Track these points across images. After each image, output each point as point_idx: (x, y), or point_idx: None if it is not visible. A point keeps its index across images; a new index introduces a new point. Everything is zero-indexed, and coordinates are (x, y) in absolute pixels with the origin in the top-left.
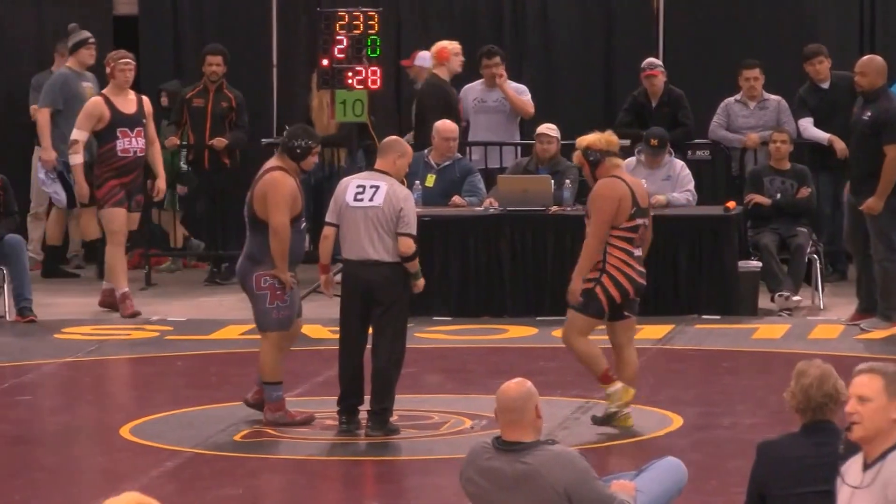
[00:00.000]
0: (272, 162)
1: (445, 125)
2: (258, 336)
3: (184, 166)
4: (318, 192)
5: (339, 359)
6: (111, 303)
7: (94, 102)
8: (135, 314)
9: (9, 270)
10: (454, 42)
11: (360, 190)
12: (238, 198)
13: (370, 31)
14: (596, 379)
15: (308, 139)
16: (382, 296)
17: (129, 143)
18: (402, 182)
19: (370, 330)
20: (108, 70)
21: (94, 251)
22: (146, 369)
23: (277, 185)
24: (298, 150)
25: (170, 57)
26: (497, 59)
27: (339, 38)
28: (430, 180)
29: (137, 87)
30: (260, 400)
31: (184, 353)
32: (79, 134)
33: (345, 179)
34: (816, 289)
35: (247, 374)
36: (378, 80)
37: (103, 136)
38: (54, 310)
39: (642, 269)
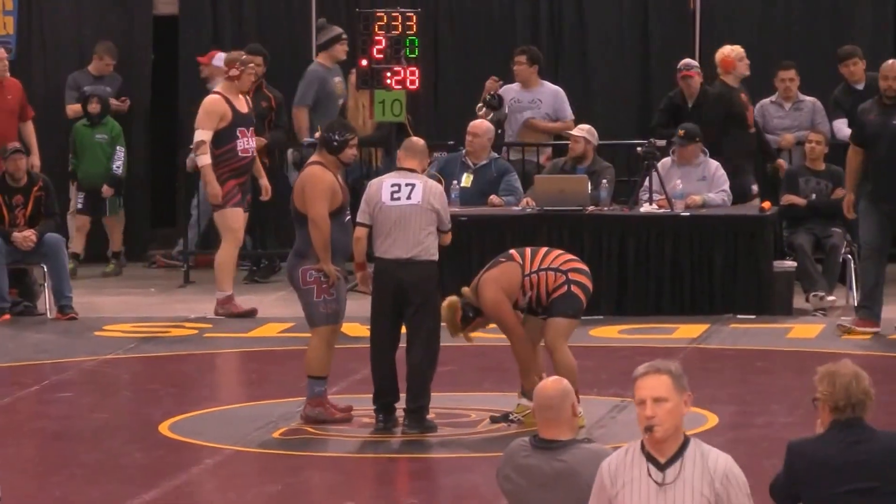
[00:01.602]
0: (312, 157)
1: (476, 123)
2: (297, 334)
3: (117, 170)
4: (355, 191)
5: (370, 358)
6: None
7: (217, 101)
8: (251, 312)
9: (48, 269)
10: (735, 47)
11: (396, 189)
12: (277, 196)
13: (408, 32)
14: (524, 385)
15: (344, 132)
16: (415, 294)
17: (247, 143)
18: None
19: (402, 329)
20: (232, 71)
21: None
22: (185, 366)
23: (315, 178)
24: (335, 143)
25: None
26: (523, 58)
27: (377, 38)
28: (468, 180)
29: (176, 88)
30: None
31: (223, 350)
32: (205, 134)
33: (375, 180)
34: (850, 289)
35: (286, 371)
36: (416, 81)
37: (224, 136)
38: (95, 307)
39: None
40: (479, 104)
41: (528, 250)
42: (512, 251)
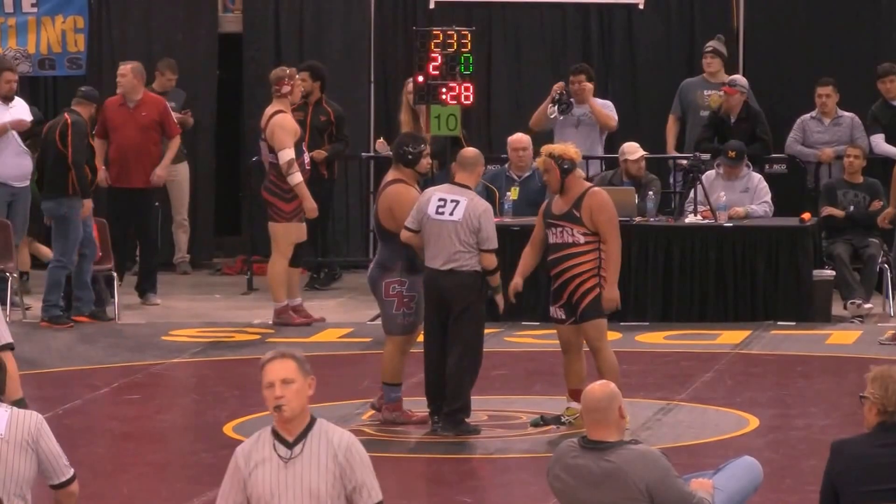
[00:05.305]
0: (390, 175)
1: (516, 137)
2: (356, 339)
3: None
4: None
5: (423, 364)
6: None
7: (289, 118)
8: (311, 321)
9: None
10: None
11: (442, 203)
12: (336, 207)
13: (463, 50)
14: (569, 392)
15: (417, 143)
16: (455, 302)
17: (306, 157)
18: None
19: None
20: (284, 88)
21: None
22: (249, 370)
23: (401, 197)
24: (410, 156)
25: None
26: (582, 77)
27: (433, 55)
28: (514, 193)
29: (241, 102)
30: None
31: None
32: (292, 152)
33: (428, 190)
34: (887, 297)
35: (345, 374)
36: (470, 96)
37: (295, 152)
38: (163, 313)
39: None
40: (550, 106)
41: None
42: None
